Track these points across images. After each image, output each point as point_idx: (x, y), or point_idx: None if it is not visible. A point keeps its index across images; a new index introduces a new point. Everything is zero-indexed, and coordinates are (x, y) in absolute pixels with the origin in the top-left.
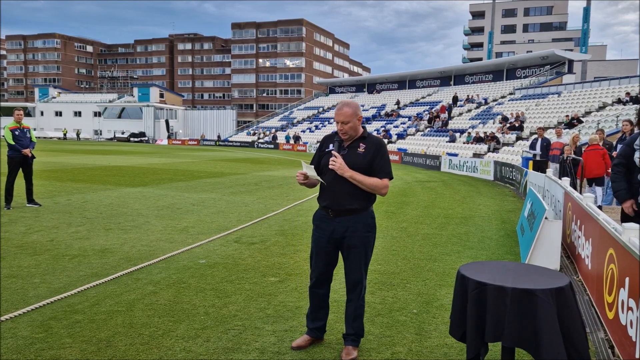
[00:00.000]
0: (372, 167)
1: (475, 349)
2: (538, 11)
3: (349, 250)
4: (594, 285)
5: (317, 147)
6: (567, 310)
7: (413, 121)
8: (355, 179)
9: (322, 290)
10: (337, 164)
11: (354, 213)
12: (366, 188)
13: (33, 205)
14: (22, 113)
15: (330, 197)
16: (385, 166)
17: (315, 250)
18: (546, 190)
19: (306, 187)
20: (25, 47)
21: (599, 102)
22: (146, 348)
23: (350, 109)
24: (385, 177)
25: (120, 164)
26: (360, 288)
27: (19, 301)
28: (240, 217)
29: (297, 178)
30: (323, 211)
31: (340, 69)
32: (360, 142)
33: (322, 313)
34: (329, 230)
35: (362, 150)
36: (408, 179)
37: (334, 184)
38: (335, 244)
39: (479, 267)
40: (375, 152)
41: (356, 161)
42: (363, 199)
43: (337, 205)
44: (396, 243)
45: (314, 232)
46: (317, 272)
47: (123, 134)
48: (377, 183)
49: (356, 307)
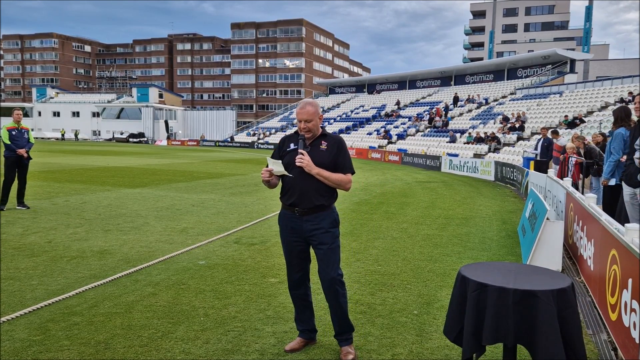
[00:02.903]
0: (336, 164)
1: (472, 350)
2: (539, 10)
3: (319, 248)
4: (597, 286)
5: (277, 146)
6: (568, 312)
7: (413, 121)
8: (322, 175)
9: (301, 290)
10: (304, 162)
11: (320, 210)
12: (332, 184)
13: (22, 208)
14: (21, 113)
15: (296, 195)
16: (348, 162)
17: (288, 251)
18: (547, 191)
19: (268, 186)
20: (23, 47)
21: (601, 101)
22: (145, 350)
23: (312, 107)
24: (348, 172)
25: (119, 164)
26: (336, 285)
27: (17, 303)
28: (240, 217)
29: (262, 175)
30: (288, 210)
31: (340, 70)
32: (321, 140)
33: (308, 314)
34: (297, 230)
35: (324, 147)
36: (408, 180)
37: (300, 181)
38: (305, 242)
39: (480, 268)
40: (338, 150)
41: (320, 158)
42: (328, 195)
43: (305, 203)
44: (396, 244)
45: (282, 233)
46: (294, 273)
47: (122, 134)
48: (343, 178)
49: (337, 304)
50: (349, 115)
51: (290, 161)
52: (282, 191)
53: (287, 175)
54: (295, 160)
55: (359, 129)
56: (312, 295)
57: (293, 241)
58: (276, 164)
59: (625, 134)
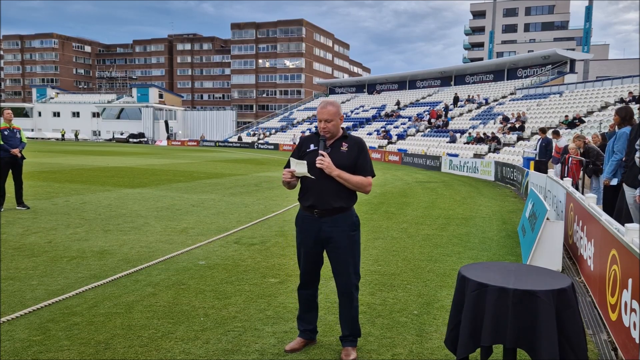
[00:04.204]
0: (356, 166)
1: (467, 350)
2: (539, 10)
3: (337, 251)
4: (597, 286)
5: (296, 147)
6: (568, 312)
7: (413, 121)
8: (343, 177)
9: (309, 291)
10: (325, 163)
11: (339, 212)
12: (352, 186)
13: (22, 208)
14: (12, 113)
15: (315, 196)
16: (369, 164)
17: (303, 252)
18: (547, 191)
19: (287, 187)
20: (23, 47)
21: (601, 102)
22: (145, 350)
23: (333, 107)
24: (369, 175)
25: (119, 165)
26: (352, 289)
27: (17, 303)
28: (240, 218)
29: (283, 176)
30: (307, 212)
31: (340, 70)
32: (342, 141)
33: (312, 315)
34: (314, 232)
35: (345, 149)
36: (408, 180)
37: (319, 183)
38: (321, 245)
39: (480, 268)
40: (359, 151)
41: (341, 160)
42: (348, 197)
43: (324, 205)
44: (397, 244)
45: (298, 235)
46: (306, 273)
47: (122, 134)
48: (363, 181)
49: (350, 308)
50: (349, 115)
51: (310, 162)
52: (301, 192)
53: (309, 176)
54: (316, 162)
55: (359, 129)
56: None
57: (310, 243)
58: (300, 164)
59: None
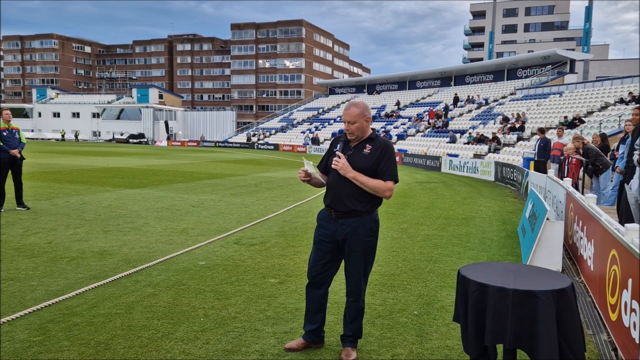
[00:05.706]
0: (377, 169)
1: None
2: (539, 10)
3: (350, 254)
4: (597, 286)
5: (328, 147)
6: (568, 312)
7: (413, 122)
8: (358, 179)
9: (320, 291)
10: (339, 164)
11: (356, 215)
12: (369, 190)
13: (22, 209)
14: (11, 113)
15: (332, 197)
16: (391, 169)
17: (316, 248)
18: (547, 191)
19: (311, 185)
20: (23, 48)
21: (601, 102)
22: (145, 351)
23: (357, 109)
24: (389, 179)
25: (119, 165)
26: (359, 292)
27: (17, 304)
28: (240, 218)
29: (298, 175)
30: (327, 211)
31: (340, 70)
32: (367, 143)
33: (319, 316)
34: (331, 231)
35: (367, 151)
36: (408, 180)
37: (336, 184)
38: (336, 245)
39: (480, 268)
40: (381, 154)
41: (360, 162)
42: (366, 201)
43: (340, 206)
44: (396, 244)
45: (317, 230)
46: (315, 271)
47: (122, 135)
48: (380, 185)
49: (355, 309)
50: None
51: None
52: (325, 191)
53: (317, 177)
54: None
55: None
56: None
57: (324, 241)
58: (309, 165)
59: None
